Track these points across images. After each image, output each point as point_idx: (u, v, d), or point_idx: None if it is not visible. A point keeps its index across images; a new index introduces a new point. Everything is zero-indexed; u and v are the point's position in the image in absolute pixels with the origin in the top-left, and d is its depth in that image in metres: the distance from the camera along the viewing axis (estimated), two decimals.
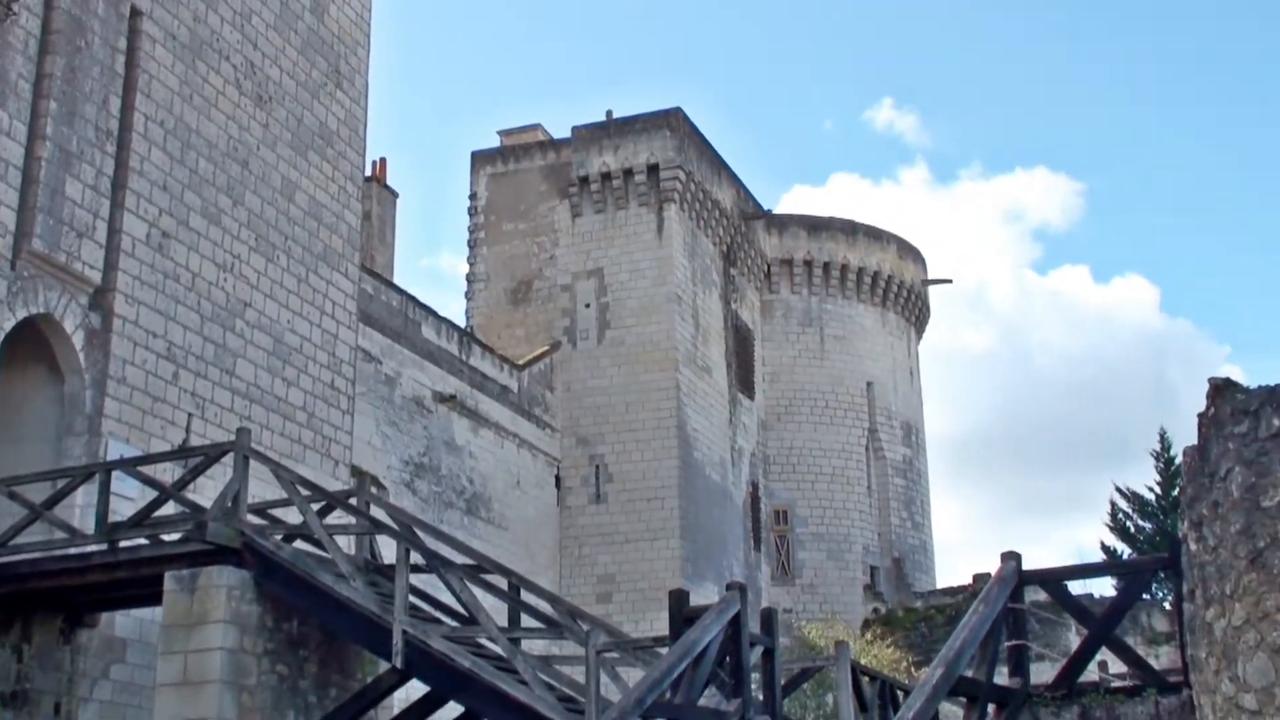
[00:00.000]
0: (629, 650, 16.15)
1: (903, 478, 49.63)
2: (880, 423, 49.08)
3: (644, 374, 39.45)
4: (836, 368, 48.37)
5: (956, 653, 10.85)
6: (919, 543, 49.87)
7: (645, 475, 38.70)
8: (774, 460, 46.63)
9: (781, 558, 45.98)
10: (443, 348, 33.85)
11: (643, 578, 37.73)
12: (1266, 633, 8.94)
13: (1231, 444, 9.37)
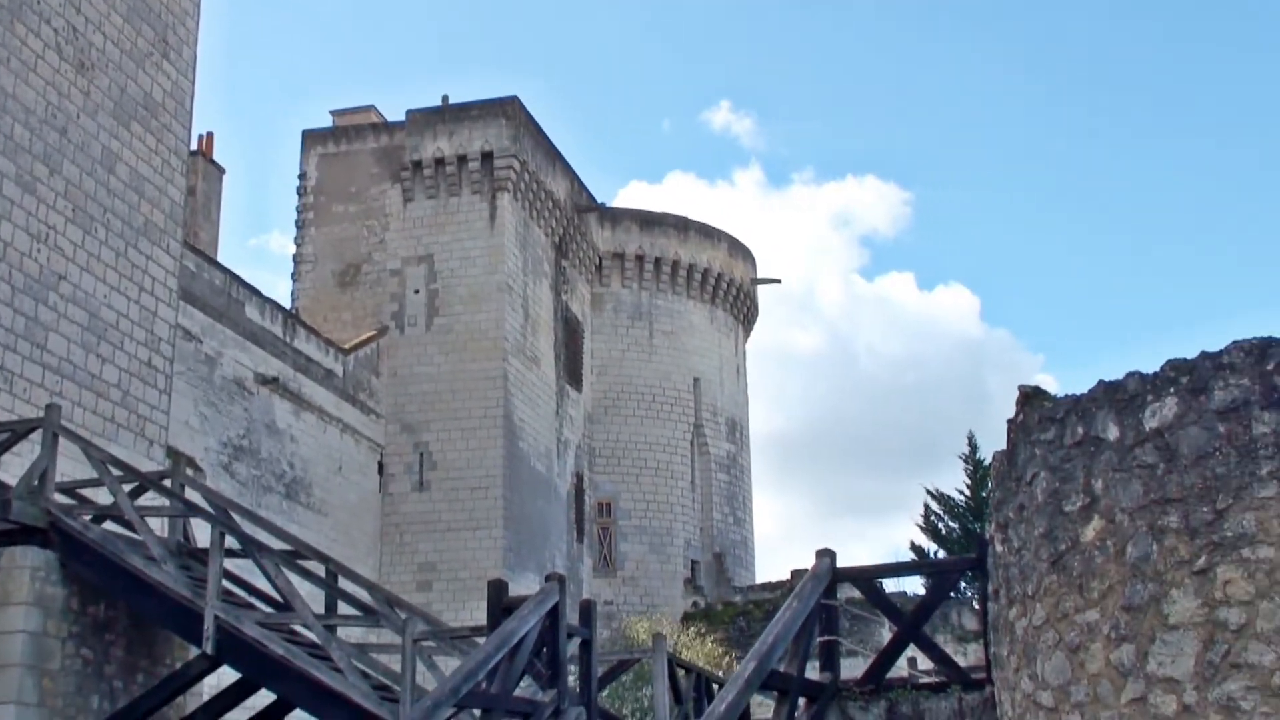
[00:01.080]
0: (446, 639, 16.05)
1: (726, 474, 50.20)
2: (706, 418, 49.57)
3: (472, 362, 39.21)
4: (664, 363, 48.71)
5: (769, 647, 11.02)
6: (740, 538, 50.50)
7: (470, 464, 38.48)
8: (599, 453, 46.78)
9: (604, 550, 46.15)
10: (266, 329, 33.19)
11: (464, 567, 37.51)
12: (1064, 632, 9.27)
13: (1038, 450, 9.69)
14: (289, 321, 34.76)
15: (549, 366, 42.98)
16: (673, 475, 47.77)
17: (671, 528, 47.15)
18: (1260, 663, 8.09)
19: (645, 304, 48.84)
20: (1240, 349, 8.58)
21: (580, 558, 44.30)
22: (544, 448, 41.73)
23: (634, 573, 46.12)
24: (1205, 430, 8.55)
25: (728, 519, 49.72)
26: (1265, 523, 8.23)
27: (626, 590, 45.65)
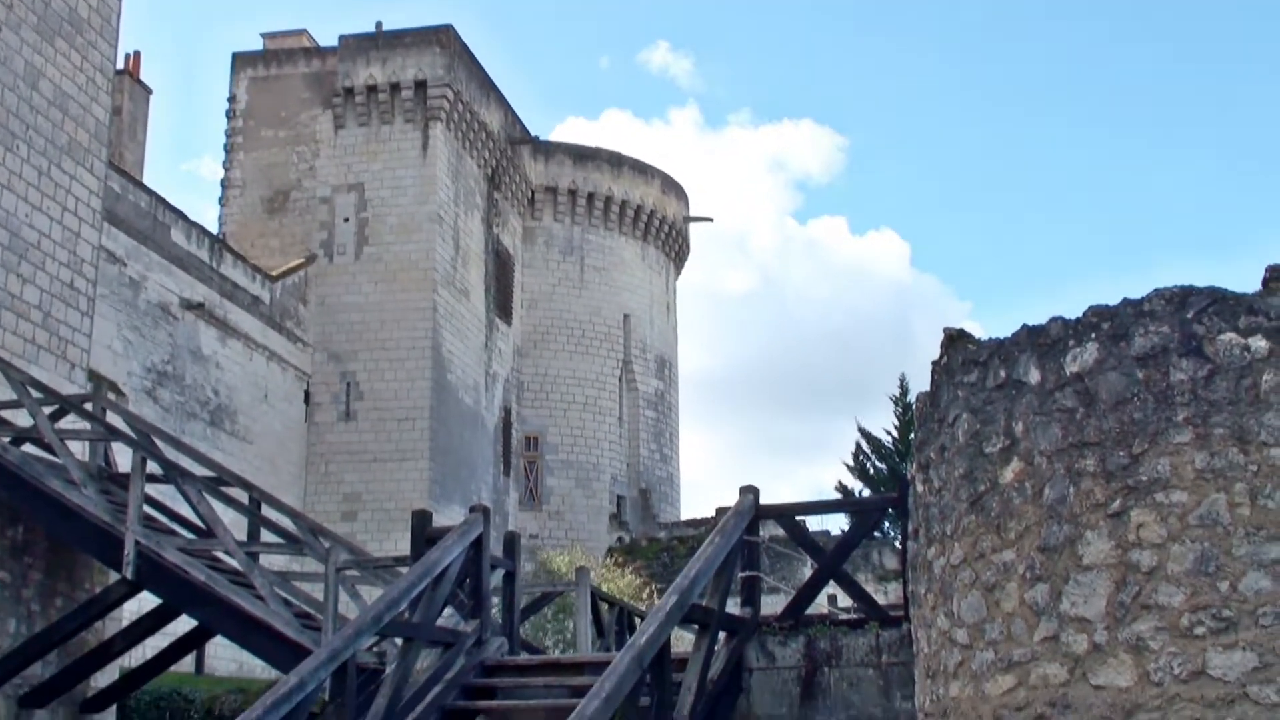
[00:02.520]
0: (369, 568, 16.05)
1: (654, 410, 50.36)
2: (635, 355, 49.66)
3: (401, 293, 38.96)
4: (595, 298, 48.67)
5: (691, 581, 11.10)
6: (666, 475, 50.77)
7: (397, 395, 38.34)
8: (528, 387, 46.76)
9: (530, 484, 46.25)
10: (192, 253, 32.77)
11: (389, 498, 37.46)
12: (981, 572, 9.41)
13: (960, 392, 9.79)
14: (216, 247, 34.33)
15: (479, 299, 42.80)
16: (600, 411, 47.88)
17: (598, 463, 47.31)
18: (1170, 604, 8.27)
19: (577, 239, 48.70)
20: (1161, 297, 8.69)
21: (506, 491, 44.37)
22: (472, 380, 41.64)
23: (560, 507, 46.29)
24: (1124, 376, 8.68)
25: (654, 456, 49.94)
26: (1179, 468, 8.38)
27: (552, 524, 45.83)
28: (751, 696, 12.71)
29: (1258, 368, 8.30)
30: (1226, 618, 8.09)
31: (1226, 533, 8.18)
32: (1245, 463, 8.21)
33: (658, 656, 10.26)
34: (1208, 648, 8.11)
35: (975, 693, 9.39)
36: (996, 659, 9.18)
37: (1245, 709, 7.95)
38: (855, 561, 34.70)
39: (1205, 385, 8.40)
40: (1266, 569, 8.05)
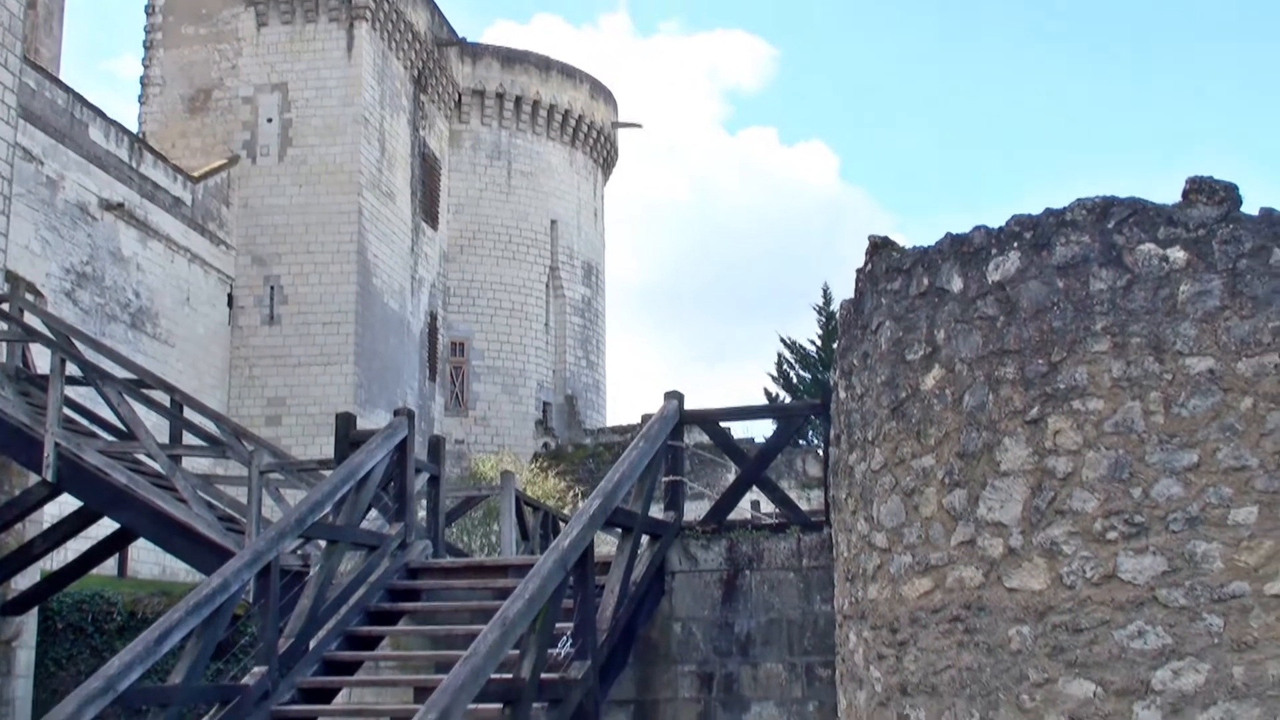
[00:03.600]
0: (293, 471, 16.01)
1: (581, 317, 50.33)
2: (562, 261, 49.48)
3: (325, 196, 38.48)
4: (522, 203, 48.35)
5: (615, 485, 11.16)
6: (592, 381, 50.86)
7: (322, 299, 38.00)
8: (454, 292, 46.52)
9: (456, 389, 46.16)
10: (111, 152, 32.11)
11: (314, 402, 37.26)
12: (901, 477, 9.54)
13: (884, 299, 9.86)
14: (135, 146, 33.66)
15: (405, 203, 42.38)
16: (527, 317, 47.77)
17: (524, 369, 47.29)
18: (1083, 509, 8.44)
19: (504, 143, 48.25)
20: (1083, 207, 8.77)
21: (432, 396, 44.28)
22: (398, 285, 41.35)
23: (486, 413, 46.28)
24: (1045, 285, 8.77)
25: (581, 362, 49.99)
26: (1096, 376, 8.51)
27: (478, 430, 45.85)
28: (674, 599, 12.87)
29: (1175, 278, 8.42)
30: (1138, 523, 8.27)
31: (1140, 440, 8.35)
32: (1160, 372, 8.36)
33: (581, 559, 10.34)
34: (1119, 552, 8.30)
35: (893, 595, 9.57)
36: (914, 562, 9.34)
37: (1154, 611, 8.16)
38: (779, 468, 35.07)
39: (1124, 295, 8.52)
40: (1178, 476, 8.22)
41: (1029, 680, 8.49)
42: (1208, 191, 8.53)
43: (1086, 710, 8.25)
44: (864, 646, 10.01)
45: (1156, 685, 8.09)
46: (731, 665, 12.61)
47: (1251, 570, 7.99)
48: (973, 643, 8.81)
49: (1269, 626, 7.91)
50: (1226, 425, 8.16)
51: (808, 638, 12.48)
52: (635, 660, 12.55)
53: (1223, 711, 7.91)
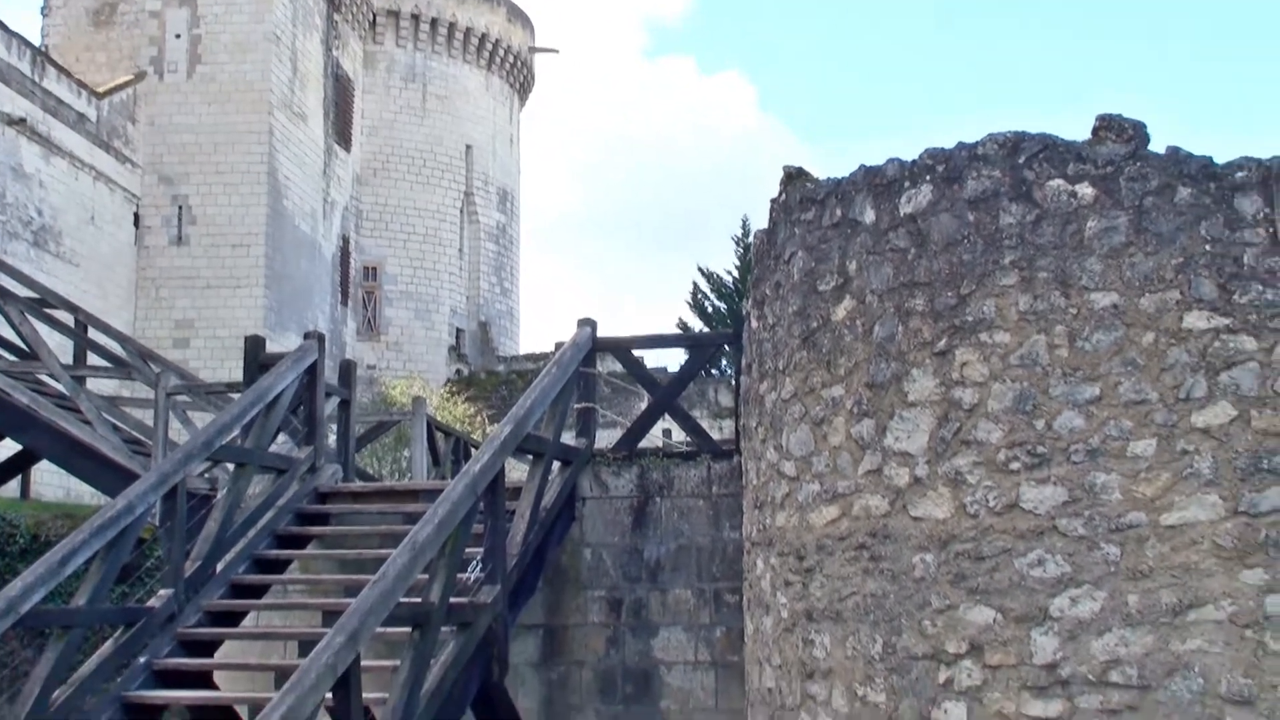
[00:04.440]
0: (200, 394, 15.84)
1: (495, 243, 50.00)
2: (477, 187, 49.08)
3: (235, 115, 37.73)
4: (436, 127, 47.79)
5: (527, 411, 11.16)
6: (506, 308, 50.66)
7: (231, 220, 37.39)
8: (367, 216, 46.01)
9: (369, 314, 45.79)
10: (12, 66, 31.24)
11: (223, 325, 36.75)
12: (810, 407, 9.64)
13: (797, 229, 9.90)
14: (38, 59, 32.77)
15: (317, 124, 41.73)
16: (441, 242, 47.39)
17: (438, 295, 46.98)
18: (988, 440, 8.58)
19: (419, 65, 47.60)
20: (994, 141, 8.85)
21: (344, 321, 43.89)
22: (309, 208, 40.81)
23: (398, 338, 45.98)
24: (956, 218, 8.86)
25: (495, 289, 49.74)
26: (1004, 309, 8.63)
27: (390, 355, 45.55)
28: (584, 525, 12.95)
29: (1083, 214, 8.54)
30: (1040, 454, 8.43)
31: (1045, 373, 8.49)
32: (1066, 306, 8.49)
33: (492, 484, 10.35)
34: (1021, 482, 8.46)
35: (800, 522, 9.69)
36: (822, 490, 9.46)
37: (1053, 540, 8.34)
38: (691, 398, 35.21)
39: (1032, 230, 8.63)
40: (1080, 409, 8.38)
41: (931, 607, 8.66)
42: (1116, 129, 8.63)
43: (986, 636, 8.43)
44: (771, 573, 10.15)
45: (1054, 612, 8.28)
46: (640, 591, 12.73)
47: (1148, 501, 8.18)
48: (877, 570, 8.95)
49: (1163, 556, 8.11)
50: (1128, 360, 8.32)
51: (716, 564, 12.62)
52: (545, 585, 12.63)
53: (1117, 638, 8.12)
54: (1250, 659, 7.91)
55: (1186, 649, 8.02)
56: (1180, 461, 8.15)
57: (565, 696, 12.73)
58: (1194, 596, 8.03)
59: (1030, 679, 8.28)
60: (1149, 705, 8.02)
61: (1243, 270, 8.23)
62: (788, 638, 9.80)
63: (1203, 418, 8.17)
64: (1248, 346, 8.16)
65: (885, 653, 8.84)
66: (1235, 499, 8.06)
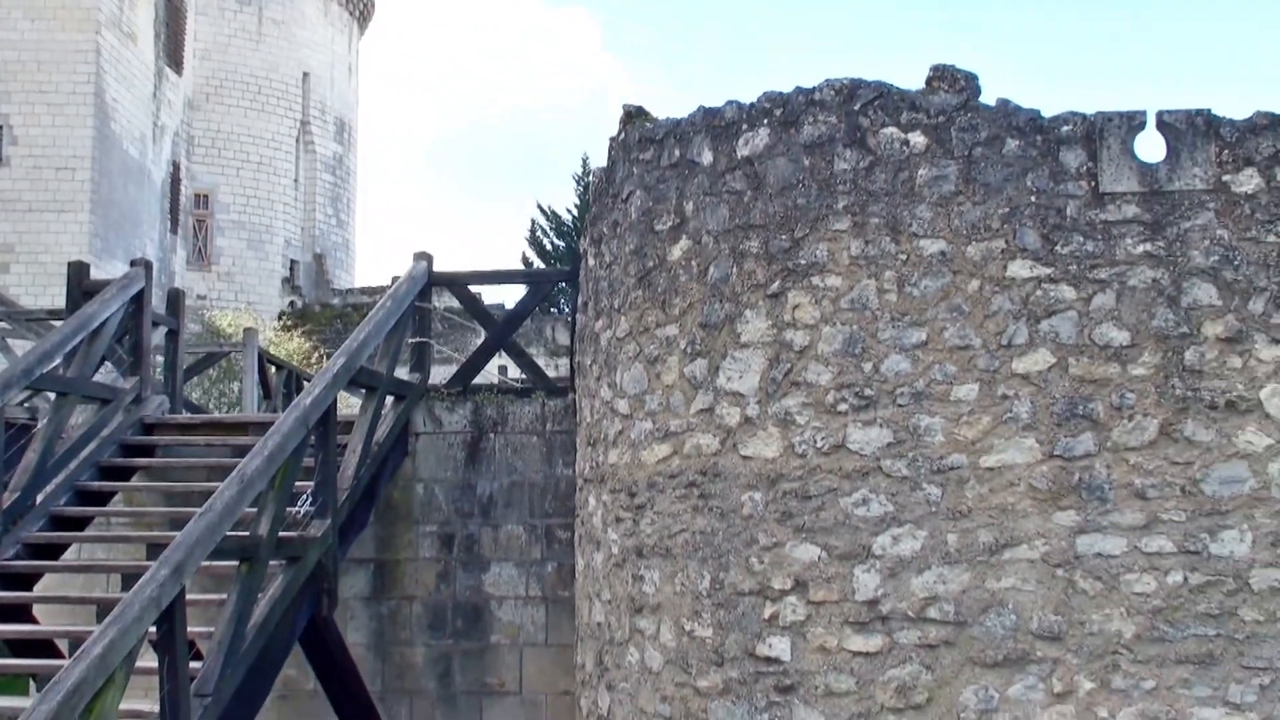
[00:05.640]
0: (20, 321, 15.36)
1: (332, 174, 49.16)
2: (314, 116, 48.11)
3: (60, 33, 36.33)
4: (272, 53, 46.67)
5: (360, 344, 11.05)
6: (342, 241, 49.93)
7: (55, 142, 36.09)
8: (199, 142, 44.82)
9: (199, 243, 44.73)
10: None
11: (46, 251, 35.56)
12: (645, 345, 9.71)
13: (635, 169, 9.92)
14: None
15: (147, 45, 40.40)
16: (276, 172, 46.43)
17: (272, 225, 46.08)
18: (817, 381, 8.74)
19: None
20: (831, 87, 8.96)
21: (174, 249, 42.79)
22: (138, 132, 39.58)
23: (230, 268, 45.04)
24: (791, 162, 8.96)
25: (331, 220, 48.96)
26: (836, 253, 8.77)
27: (221, 286, 44.63)
28: (417, 460, 12.89)
29: (915, 162, 8.70)
30: (868, 396, 8.62)
31: (874, 317, 8.67)
32: (896, 252, 8.66)
33: (323, 418, 10.25)
34: (848, 423, 8.64)
35: (633, 460, 9.78)
36: (654, 429, 9.55)
37: (878, 480, 8.55)
38: (529, 336, 35.21)
39: (865, 176, 8.77)
40: (907, 353, 8.58)
41: (758, 544, 8.82)
42: (949, 80, 8.80)
43: (811, 573, 8.63)
44: (603, 510, 10.24)
45: (877, 550, 8.51)
46: (473, 526, 12.74)
47: (969, 444, 8.43)
48: (707, 507, 9.09)
49: (982, 497, 8.38)
50: (954, 306, 8.54)
51: (549, 501, 12.69)
52: (376, 520, 12.57)
53: (936, 575, 8.38)
54: (1060, 597, 8.23)
55: (1001, 587, 8.31)
56: (1000, 406, 8.41)
57: (395, 631, 12.72)
58: (1010, 536, 8.32)
59: (852, 615, 8.51)
60: (964, 640, 8.30)
61: (1065, 222, 8.48)
62: (618, 573, 9.91)
63: (1023, 364, 8.42)
64: (1067, 296, 8.43)
65: (713, 588, 9.00)
66: (1051, 443, 8.34)
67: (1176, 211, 8.43)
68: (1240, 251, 8.35)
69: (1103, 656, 8.15)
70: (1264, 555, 8.13)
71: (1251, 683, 8.07)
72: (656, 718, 9.33)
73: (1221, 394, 8.25)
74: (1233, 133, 8.50)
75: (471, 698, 12.56)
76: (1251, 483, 8.19)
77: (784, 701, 8.64)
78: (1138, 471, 8.24)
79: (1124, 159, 8.50)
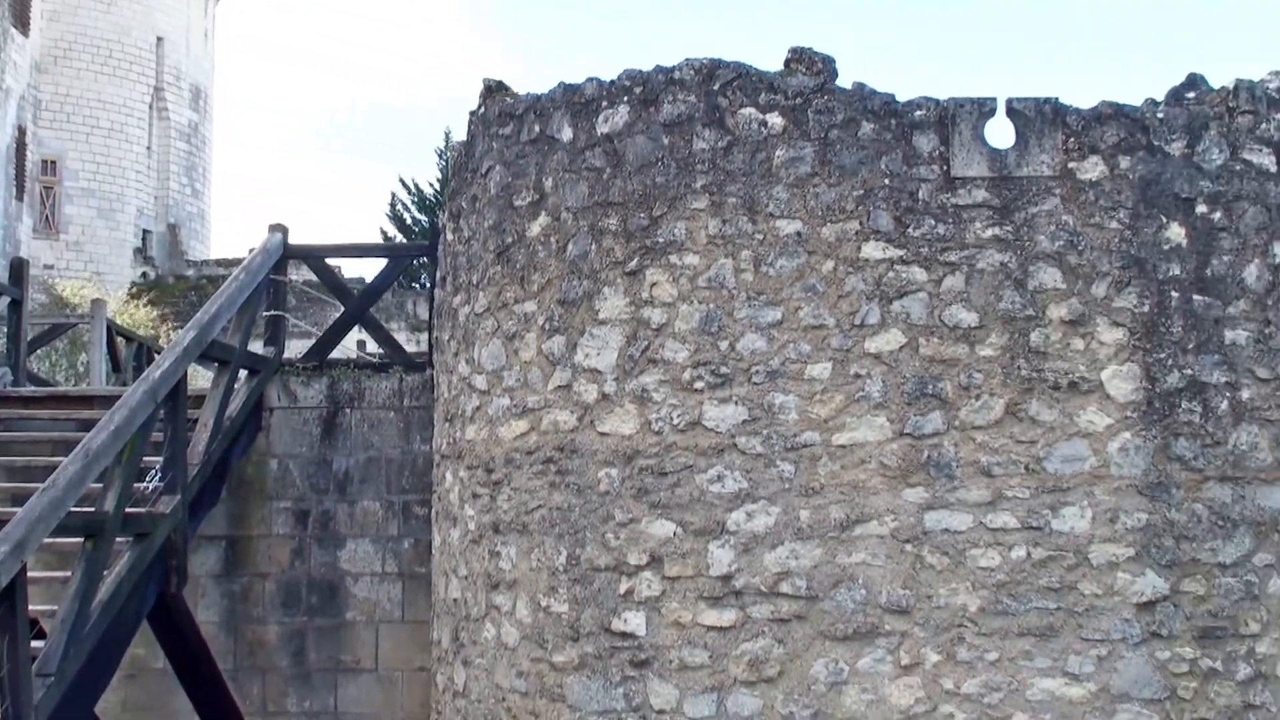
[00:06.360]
0: None
1: (187, 143, 48.07)
2: (168, 82, 46.96)
3: None
4: (124, 16, 45.42)
5: (212, 317, 10.86)
6: (197, 211, 48.88)
7: None
8: (46, 106, 43.46)
9: (46, 211, 43.45)
10: None
11: None
12: (503, 321, 9.69)
13: (495, 144, 9.89)
14: None
15: None
16: (128, 139, 45.25)
17: (123, 193, 44.92)
18: (674, 359, 8.80)
19: None
20: (691, 67, 9.00)
21: (19, 217, 41.50)
22: None
23: (79, 237, 43.83)
24: (651, 140, 8.99)
25: (185, 190, 47.89)
26: (694, 232, 8.84)
27: (70, 255, 43.41)
28: (271, 435, 12.72)
29: (772, 143, 8.80)
30: (724, 374, 8.70)
31: (731, 296, 8.75)
32: (753, 231, 8.75)
33: (173, 391, 10.06)
34: (705, 401, 8.72)
35: (490, 436, 9.77)
36: (512, 405, 9.55)
37: (733, 457, 8.65)
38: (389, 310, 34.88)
39: (724, 156, 8.84)
40: (763, 331, 8.68)
41: (615, 520, 8.87)
42: (807, 62, 8.91)
43: (666, 549, 8.70)
44: (460, 486, 10.21)
45: (731, 526, 8.61)
46: (329, 503, 12.62)
47: (822, 422, 8.56)
48: (564, 483, 9.11)
49: (834, 474, 8.52)
50: (809, 286, 8.65)
51: (406, 477, 12.61)
52: (229, 496, 12.39)
53: (788, 550, 8.51)
54: (909, 571, 8.41)
55: (852, 562, 8.46)
56: (853, 385, 8.55)
57: (248, 609, 12.56)
58: (860, 512, 8.47)
59: (707, 590, 8.60)
60: (816, 614, 8.45)
61: (917, 205, 8.64)
62: (474, 549, 9.90)
63: (875, 343, 8.58)
64: (919, 277, 8.59)
65: (569, 564, 9.03)
66: (901, 421, 8.51)
67: (1024, 197, 8.64)
68: (1084, 237, 8.59)
69: (949, 629, 8.36)
70: (1103, 531, 8.39)
71: (1089, 654, 8.34)
72: (512, 693, 9.35)
73: (1064, 375, 8.49)
74: (1079, 121, 8.73)
75: (326, 675, 12.46)
76: (1092, 461, 8.45)
77: (639, 676, 8.71)
78: (984, 450, 8.45)
79: (975, 144, 8.68)
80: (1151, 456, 8.47)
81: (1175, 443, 8.51)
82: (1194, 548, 8.47)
